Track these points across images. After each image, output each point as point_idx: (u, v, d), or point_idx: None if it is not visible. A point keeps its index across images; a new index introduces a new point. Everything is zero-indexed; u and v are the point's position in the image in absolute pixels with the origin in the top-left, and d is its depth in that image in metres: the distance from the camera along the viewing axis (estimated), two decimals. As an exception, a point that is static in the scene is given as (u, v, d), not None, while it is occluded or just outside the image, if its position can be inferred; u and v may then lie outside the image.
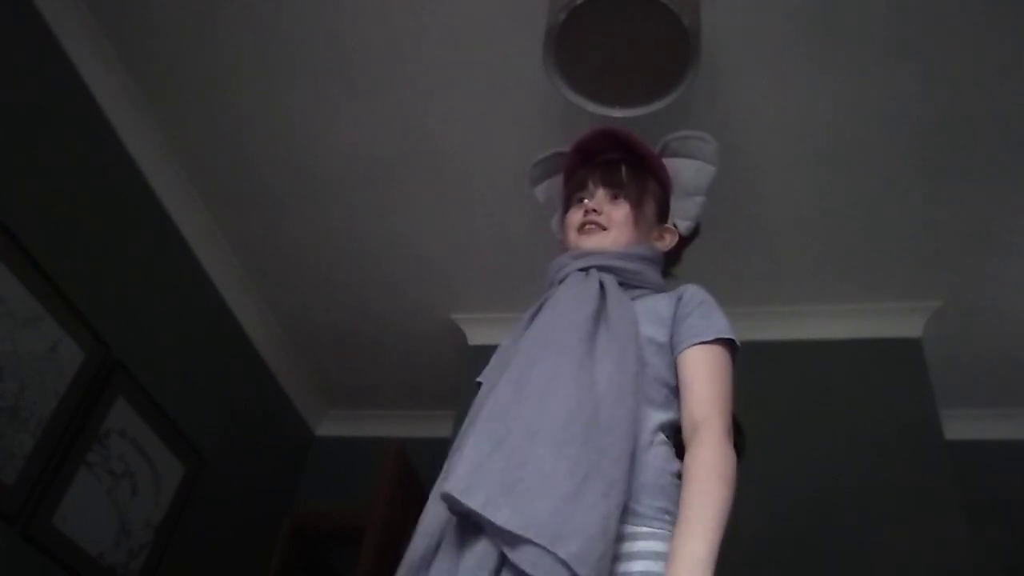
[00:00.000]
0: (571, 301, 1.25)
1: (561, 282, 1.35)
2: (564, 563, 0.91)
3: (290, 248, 3.18)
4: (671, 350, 1.25)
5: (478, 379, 1.38)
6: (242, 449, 3.40)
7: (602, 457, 1.01)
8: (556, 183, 1.60)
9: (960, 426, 3.20)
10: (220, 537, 3.26)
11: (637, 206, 1.43)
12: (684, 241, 1.52)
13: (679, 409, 1.21)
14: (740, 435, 3.37)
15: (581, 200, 1.47)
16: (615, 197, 1.44)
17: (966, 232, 2.72)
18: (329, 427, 4.07)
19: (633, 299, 1.31)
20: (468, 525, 1.00)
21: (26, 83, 2.34)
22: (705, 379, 1.21)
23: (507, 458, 1.00)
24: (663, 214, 1.51)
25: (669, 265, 1.51)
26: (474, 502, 0.96)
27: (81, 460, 2.47)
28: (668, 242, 1.49)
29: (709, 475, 1.08)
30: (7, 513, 2.22)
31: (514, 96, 2.49)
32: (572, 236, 1.45)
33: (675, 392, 1.23)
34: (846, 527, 2.62)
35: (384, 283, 3.26)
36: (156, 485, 2.82)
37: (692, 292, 1.31)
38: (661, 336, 1.25)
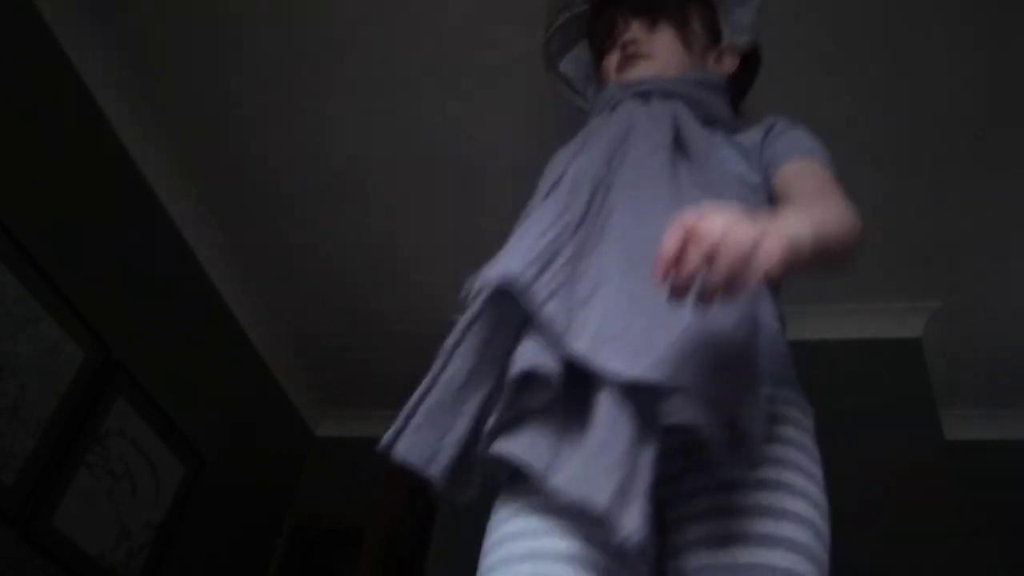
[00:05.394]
0: (641, 131, 0.99)
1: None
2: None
3: (290, 248, 3.18)
4: (765, 185, 1.04)
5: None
6: (242, 449, 3.40)
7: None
8: (584, 49, 1.34)
9: (960, 426, 3.20)
10: (220, 537, 3.26)
11: (682, 26, 1.18)
12: (747, 63, 1.27)
13: None
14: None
15: (614, 43, 1.21)
16: (653, 24, 1.18)
17: (966, 232, 2.72)
18: (329, 428, 4.06)
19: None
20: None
21: (26, 83, 2.34)
22: (818, 182, 1.02)
23: (646, 315, 0.83)
24: (714, 34, 1.25)
25: (737, 97, 1.26)
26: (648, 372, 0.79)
27: (81, 460, 2.47)
28: (729, 64, 1.23)
29: (843, 209, 0.95)
30: (7, 513, 2.22)
31: (514, 96, 2.49)
32: (612, 79, 1.19)
33: None
34: (845, 527, 2.62)
35: (384, 283, 3.26)
36: (156, 485, 2.82)
37: (784, 121, 1.12)
38: (753, 176, 1.05)
